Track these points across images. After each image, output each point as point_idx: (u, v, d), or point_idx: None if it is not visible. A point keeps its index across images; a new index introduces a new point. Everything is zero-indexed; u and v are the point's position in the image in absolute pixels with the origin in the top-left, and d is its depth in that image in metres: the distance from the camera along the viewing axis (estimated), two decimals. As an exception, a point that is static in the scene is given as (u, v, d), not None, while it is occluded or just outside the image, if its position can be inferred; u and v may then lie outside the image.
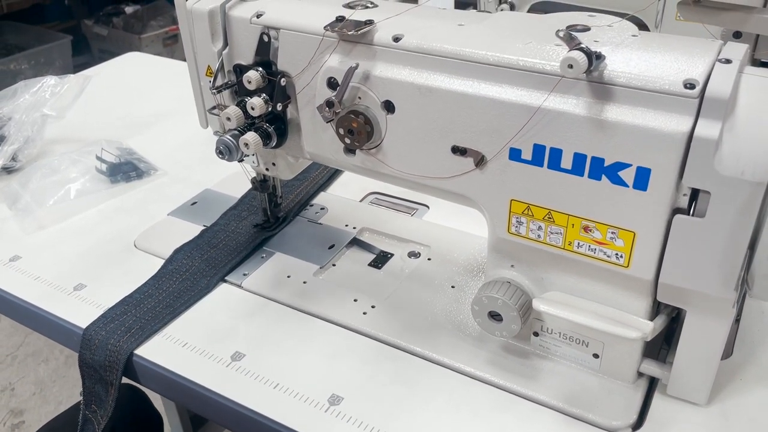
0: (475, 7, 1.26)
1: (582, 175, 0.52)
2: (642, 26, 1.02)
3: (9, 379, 1.77)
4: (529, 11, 1.26)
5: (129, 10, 3.27)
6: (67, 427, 0.89)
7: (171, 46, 3.13)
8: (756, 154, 0.46)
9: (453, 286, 0.74)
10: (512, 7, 1.21)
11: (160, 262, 0.79)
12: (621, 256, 0.54)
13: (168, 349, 0.68)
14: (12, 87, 1.01)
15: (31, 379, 1.77)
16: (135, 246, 0.83)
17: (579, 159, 0.51)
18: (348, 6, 0.64)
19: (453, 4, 1.43)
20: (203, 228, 0.84)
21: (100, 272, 0.79)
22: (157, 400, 1.18)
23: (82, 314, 0.72)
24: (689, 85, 0.47)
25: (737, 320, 0.68)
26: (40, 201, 0.90)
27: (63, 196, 0.92)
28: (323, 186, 0.94)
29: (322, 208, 0.89)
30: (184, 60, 0.72)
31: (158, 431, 1.00)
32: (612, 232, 0.53)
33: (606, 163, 0.51)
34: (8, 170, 0.98)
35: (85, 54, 3.25)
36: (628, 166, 0.50)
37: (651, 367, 0.60)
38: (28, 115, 0.98)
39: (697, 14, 0.87)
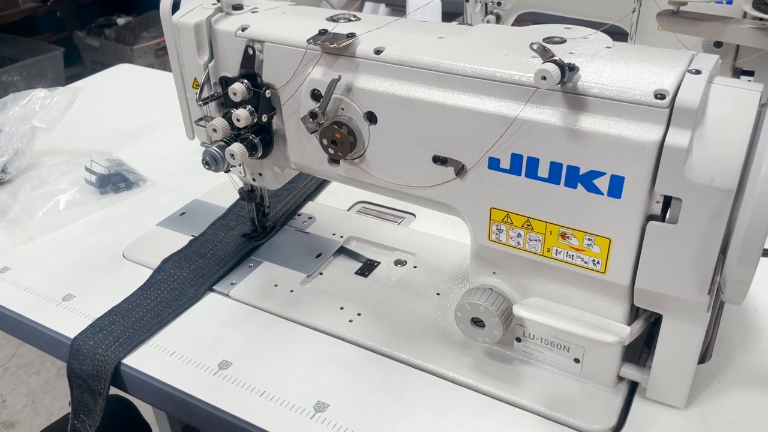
0: (462, 18, 1.28)
1: (558, 183, 0.53)
2: (624, 35, 1.04)
3: (0, 391, 1.77)
4: (514, 23, 1.28)
5: (121, 21, 3.29)
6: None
7: (163, 57, 3.14)
8: (725, 161, 0.47)
9: (438, 294, 0.75)
10: (498, 19, 1.23)
11: (149, 272, 0.80)
12: (598, 262, 0.55)
13: (155, 359, 0.69)
14: (2, 99, 1.02)
15: (23, 391, 1.77)
16: (124, 256, 0.84)
17: (555, 168, 0.53)
18: (331, 19, 0.65)
19: (440, 16, 1.45)
20: (191, 238, 0.85)
21: (89, 283, 0.79)
22: (147, 411, 1.18)
23: (70, 324, 0.72)
24: (660, 96, 0.48)
25: (716, 325, 0.69)
26: (30, 212, 0.91)
27: (52, 207, 0.92)
28: (311, 195, 0.95)
29: (309, 218, 0.90)
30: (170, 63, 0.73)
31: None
32: (588, 239, 0.54)
33: (581, 172, 0.52)
34: (-2, 182, 0.99)
35: (77, 65, 3.26)
36: (603, 174, 0.51)
37: (631, 371, 0.61)
38: (17, 127, 0.99)
39: (676, 25, 0.89)
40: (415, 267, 0.80)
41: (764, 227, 0.45)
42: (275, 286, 0.77)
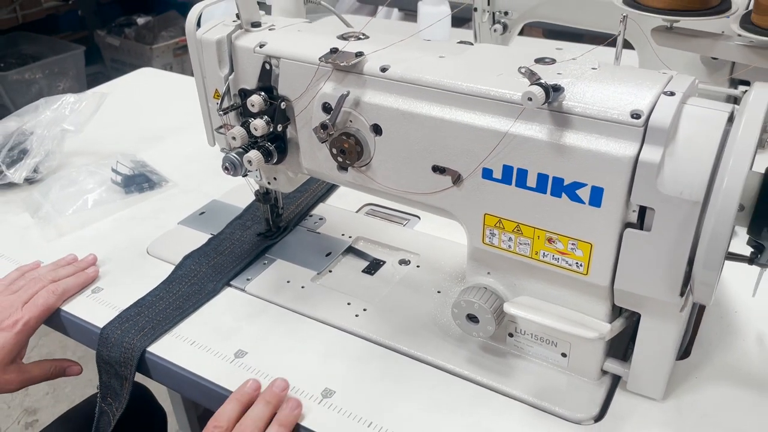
0: (471, 25, 1.33)
1: (545, 192, 0.58)
2: (626, 45, 1.08)
3: (24, 379, 1.84)
4: (521, 31, 1.32)
5: (140, 21, 3.36)
6: (81, 419, 0.96)
7: (181, 56, 3.21)
8: (693, 176, 0.52)
9: (439, 292, 0.81)
10: (505, 28, 1.28)
11: (171, 268, 0.86)
12: (581, 265, 0.60)
13: (177, 347, 0.75)
14: (34, 103, 1.09)
15: (45, 379, 1.84)
16: (148, 252, 0.90)
17: (542, 178, 0.58)
18: (342, 37, 0.70)
19: (449, 22, 1.50)
20: (210, 236, 0.91)
21: (116, 276, 0.86)
22: (165, 401, 1.25)
23: (99, 315, 0.79)
24: (635, 115, 0.53)
25: (697, 324, 0.74)
26: (60, 210, 0.97)
27: (81, 205, 0.98)
28: (322, 198, 1.00)
29: (320, 219, 0.95)
30: (194, 74, 0.79)
31: (162, 425, 1.07)
32: (572, 244, 0.59)
33: (565, 183, 0.57)
34: (30, 181, 1.05)
35: (97, 64, 3.33)
36: (584, 185, 0.56)
37: (613, 366, 0.67)
38: (48, 130, 1.05)
39: (670, 40, 0.94)
40: (418, 266, 0.85)
41: (726, 235, 0.50)
42: (288, 282, 0.83)
